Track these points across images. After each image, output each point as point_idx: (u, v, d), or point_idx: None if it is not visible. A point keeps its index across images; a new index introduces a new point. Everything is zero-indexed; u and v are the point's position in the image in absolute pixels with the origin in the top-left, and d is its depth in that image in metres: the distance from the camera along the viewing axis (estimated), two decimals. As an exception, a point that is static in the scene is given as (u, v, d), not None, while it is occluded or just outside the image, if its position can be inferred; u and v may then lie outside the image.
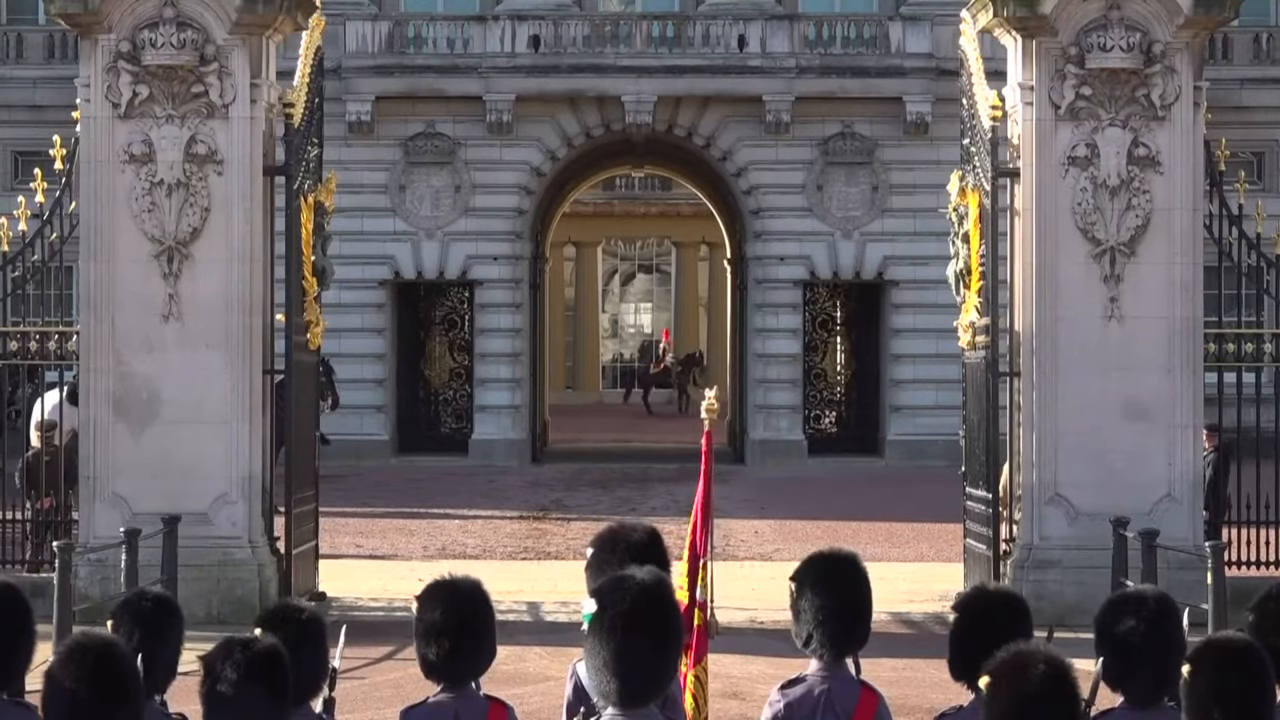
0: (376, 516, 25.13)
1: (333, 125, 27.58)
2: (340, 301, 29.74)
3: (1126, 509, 15.33)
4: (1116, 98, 16.30)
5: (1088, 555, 15.51)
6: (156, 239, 16.08)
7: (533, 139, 35.39)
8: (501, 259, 35.44)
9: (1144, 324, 16.24)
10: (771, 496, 28.79)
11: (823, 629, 6.00)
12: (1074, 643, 6.48)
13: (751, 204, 35.61)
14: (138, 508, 15.69)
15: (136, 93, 16.13)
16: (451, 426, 36.03)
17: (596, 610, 5.11)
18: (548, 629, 15.85)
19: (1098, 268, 16.28)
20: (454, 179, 35.22)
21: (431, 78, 34.84)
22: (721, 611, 15.94)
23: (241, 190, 16.19)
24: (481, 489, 29.61)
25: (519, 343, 35.61)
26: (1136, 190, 16.26)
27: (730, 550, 21.94)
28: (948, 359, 26.28)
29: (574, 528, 23.60)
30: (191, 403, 16.00)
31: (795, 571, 6.14)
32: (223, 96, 16.16)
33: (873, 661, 7.10)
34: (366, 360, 34.76)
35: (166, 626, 5.97)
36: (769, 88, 34.76)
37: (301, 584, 16.65)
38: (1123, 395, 16.21)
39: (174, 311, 16.07)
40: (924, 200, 31.93)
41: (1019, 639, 5.38)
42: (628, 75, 34.73)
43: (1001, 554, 16.45)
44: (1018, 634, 5.57)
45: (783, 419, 35.33)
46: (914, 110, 34.67)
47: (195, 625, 6.68)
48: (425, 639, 5.82)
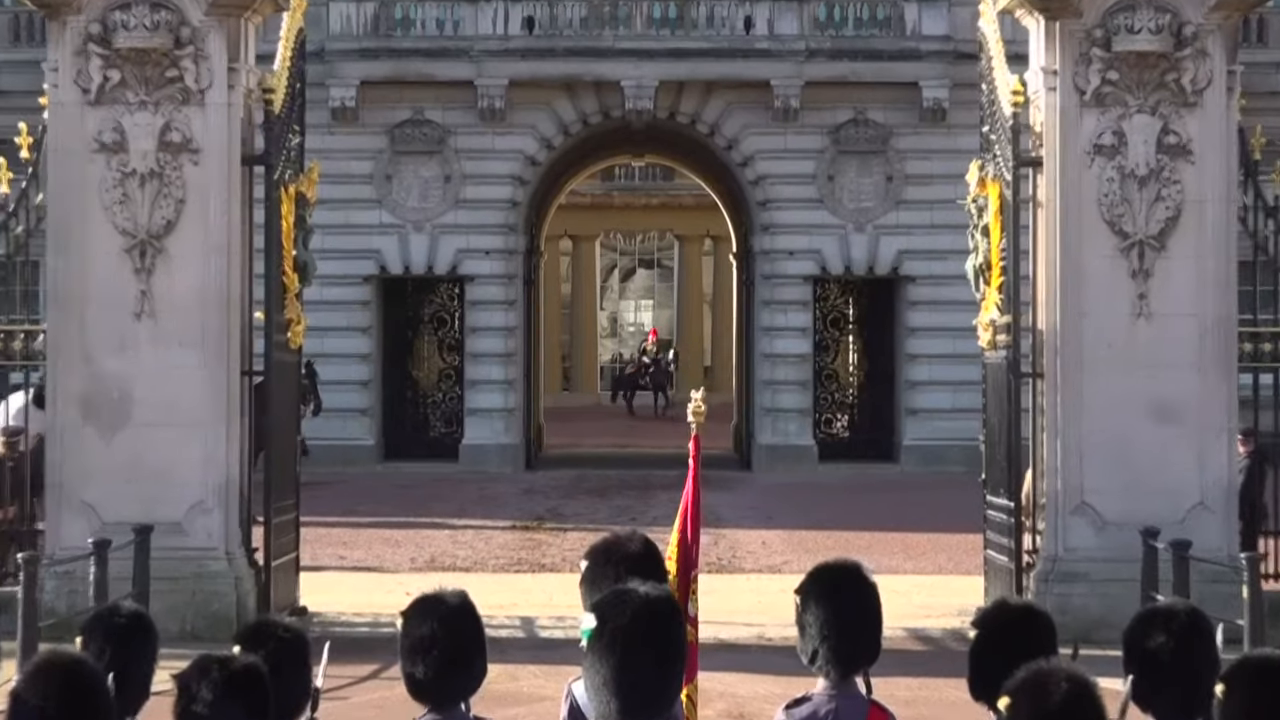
0: (361, 526, 25.12)
1: (315, 112, 27.58)
2: (323, 298, 29.76)
3: (1156, 518, 15.34)
4: (1145, 83, 16.30)
5: (1115, 567, 15.51)
6: (128, 232, 16.08)
7: (527, 126, 35.40)
8: (494, 253, 35.45)
9: (1174, 322, 16.24)
10: (780, 505, 28.79)
11: (828, 644, 6.00)
12: (1100, 660, 6.48)
13: (758, 195, 35.62)
14: (108, 517, 15.69)
15: (107, 77, 16.13)
16: (441, 431, 36.03)
17: (596, 625, 5.10)
18: (542, 646, 15.86)
19: (1125, 262, 16.28)
20: (443, 169, 35.22)
21: (420, 61, 34.84)
22: (727, 627, 16.13)
23: (218, 181, 16.20)
24: (472, 497, 29.60)
25: (512, 342, 35.62)
26: (1166, 180, 16.26)
27: (736, 562, 21.96)
28: (966, 359, 26.30)
29: (570, 538, 23.59)
30: (165, 405, 16.01)
31: (800, 584, 6.15)
32: (199, 81, 16.17)
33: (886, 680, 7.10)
34: (351, 361, 34.77)
35: (139, 643, 5.97)
36: (777, 72, 34.77)
37: (281, 598, 16.65)
38: (1152, 397, 16.21)
39: (147, 309, 16.08)
40: (941, 191, 31.92)
41: (1042, 656, 5.37)
42: (627, 59, 34.73)
43: (1024, 566, 16.45)
44: (1041, 651, 5.56)
45: (792, 423, 35.33)
46: (930, 96, 34.67)
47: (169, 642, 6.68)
48: (412, 657, 5.82)
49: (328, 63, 34.12)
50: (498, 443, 35.02)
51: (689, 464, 8.55)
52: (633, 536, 6.61)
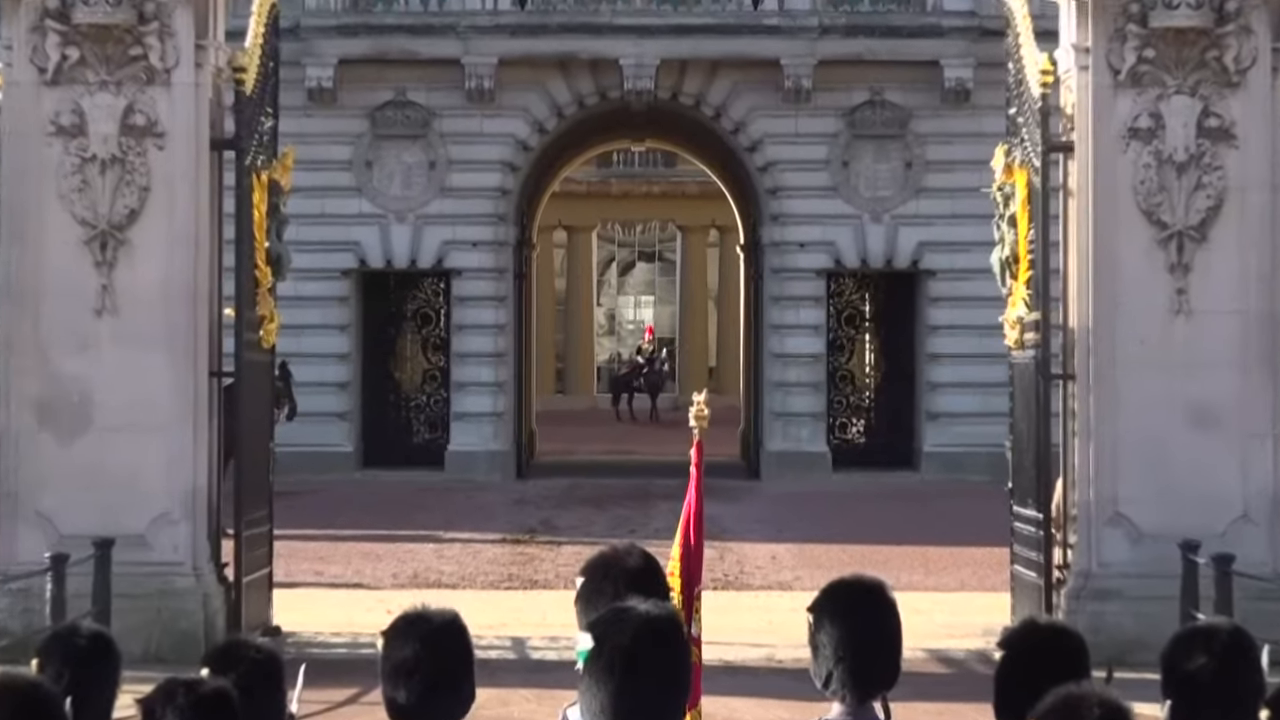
0: (339, 539, 25.14)
1: (290, 93, 27.60)
2: (298, 294, 29.76)
3: (1196, 530, 15.34)
4: (1184, 61, 16.30)
5: (1152, 583, 15.51)
6: (88, 222, 16.08)
7: (518, 109, 35.41)
8: (482, 245, 35.46)
9: (1215, 319, 16.25)
10: (790, 516, 28.81)
11: (843, 666, 6.00)
12: (1136, 683, 6.49)
13: (768, 182, 35.64)
14: (66, 529, 15.68)
15: (66, 55, 16.13)
16: (425, 437, 36.06)
17: (593, 646, 5.10)
18: (535, 668, 15.88)
19: (1162, 255, 16.28)
20: (428, 154, 35.24)
21: (403, 38, 34.86)
22: (734, 648, 16.14)
23: (185, 167, 16.20)
24: (459, 508, 29.63)
25: (502, 341, 35.64)
26: (1207, 167, 16.26)
27: (743, 578, 21.97)
28: (992, 359, 26.30)
29: (565, 552, 23.61)
30: (128, 408, 16.01)
31: (813, 602, 6.15)
32: (164, 60, 16.17)
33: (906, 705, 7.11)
34: (328, 361, 34.78)
35: (101, 665, 5.97)
36: (788, 50, 34.78)
37: (253, 617, 16.66)
38: (1191, 400, 16.21)
39: (108, 305, 16.08)
40: (964, 178, 31.94)
41: (1073, 680, 5.37)
42: (626, 35, 34.75)
43: (1054, 582, 16.46)
44: (1072, 674, 5.57)
45: (803, 428, 35.35)
46: (953, 76, 34.69)
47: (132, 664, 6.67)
48: (394, 680, 5.81)
49: (303, 40, 34.13)
50: (486, 449, 35.03)
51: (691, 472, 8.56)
52: (631, 550, 6.60)
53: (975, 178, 25.36)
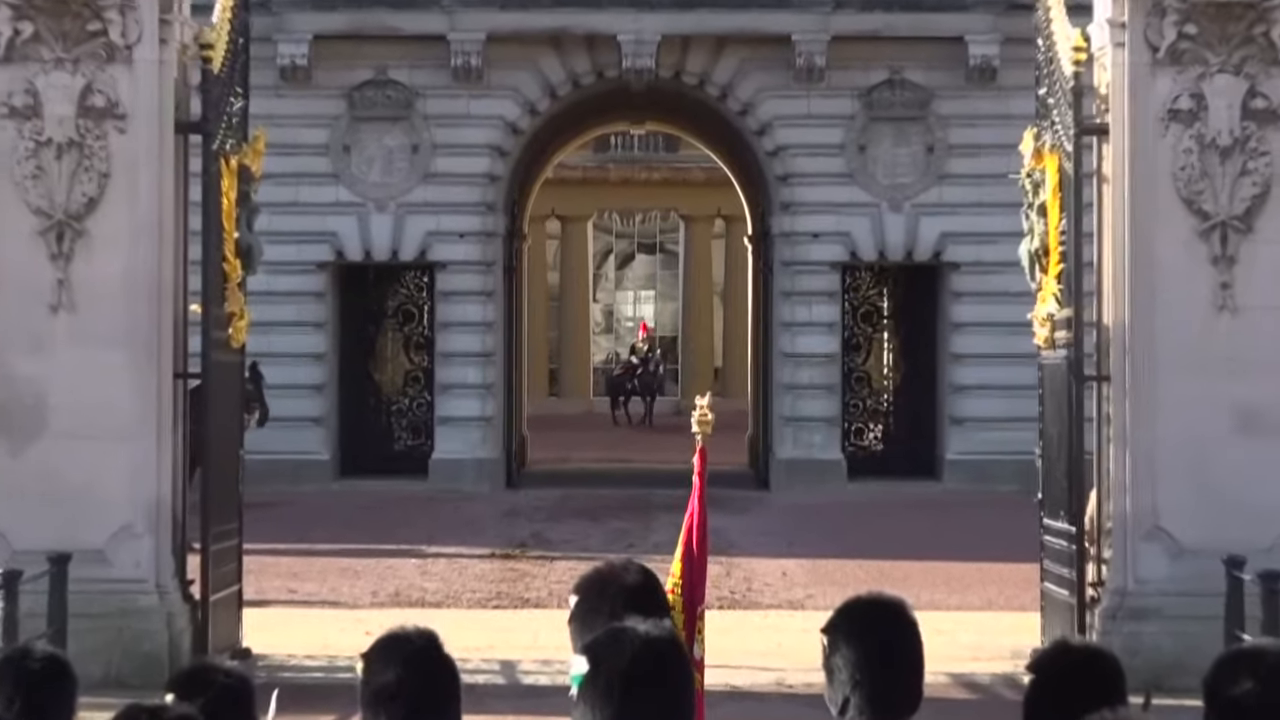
0: (314, 554, 25.16)
1: (261, 71, 27.60)
2: (270, 289, 29.76)
3: (1242, 544, 15.33)
4: (1228, 37, 16.31)
5: (1194, 602, 15.52)
6: (43, 211, 16.09)
7: (508, 88, 35.44)
8: (469, 236, 35.49)
9: (1262, 315, 16.26)
10: (802, 530, 28.83)
11: (860, 691, 6.00)
12: (1176, 710, 6.50)
13: (778, 168, 35.66)
14: (19, 543, 15.68)
15: (18, 31, 16.13)
16: (407, 443, 36.09)
17: (588, 670, 5.11)
18: (526, 694, 15.90)
19: (1205, 247, 16.29)
20: (410, 138, 35.26)
21: (383, 13, 34.88)
22: (741, 671, 16.15)
23: (148, 151, 16.20)
24: (444, 520, 29.65)
25: (490, 340, 35.66)
26: (1253, 151, 16.27)
27: (751, 596, 21.98)
28: (1020, 360, 26.30)
29: (558, 568, 23.63)
30: (86, 412, 16.01)
31: (828, 621, 6.15)
32: (125, 36, 16.17)
33: (928, 733, 7.10)
34: (302, 361, 34.80)
35: (56, 691, 5.97)
36: (799, 25, 34.81)
37: (221, 638, 16.67)
38: (1236, 403, 16.22)
39: (65, 300, 16.08)
40: (990, 164, 31.94)
41: (1108, 706, 5.37)
42: (625, 10, 34.77)
43: (1087, 601, 16.47)
44: (1107, 699, 5.57)
45: (816, 434, 35.37)
46: (978, 53, 34.72)
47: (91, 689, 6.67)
48: (374, 706, 5.82)
49: (275, 14, 34.16)
50: (474, 457, 35.05)
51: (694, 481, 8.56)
52: (629, 566, 6.61)
53: (1002, 163, 25.34)
